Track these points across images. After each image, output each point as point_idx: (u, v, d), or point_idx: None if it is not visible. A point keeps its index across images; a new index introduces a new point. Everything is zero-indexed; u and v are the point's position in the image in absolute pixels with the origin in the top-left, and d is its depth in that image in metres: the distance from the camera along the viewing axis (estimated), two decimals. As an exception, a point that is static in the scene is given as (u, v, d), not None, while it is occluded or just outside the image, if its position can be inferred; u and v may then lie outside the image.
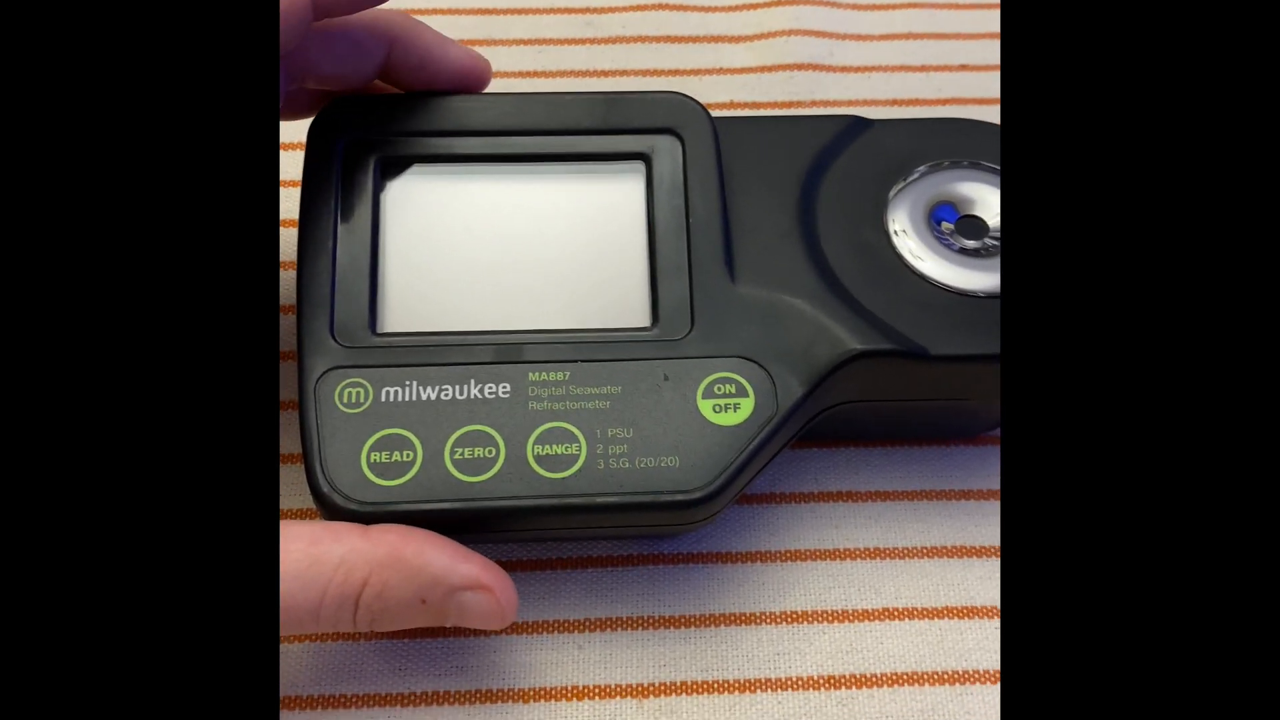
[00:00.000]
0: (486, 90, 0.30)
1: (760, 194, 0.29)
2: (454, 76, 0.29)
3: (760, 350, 0.27)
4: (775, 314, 0.27)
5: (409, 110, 0.29)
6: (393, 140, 0.28)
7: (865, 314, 0.27)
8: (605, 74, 0.39)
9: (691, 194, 0.28)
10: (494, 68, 0.38)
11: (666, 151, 0.29)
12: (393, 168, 0.28)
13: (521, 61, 0.39)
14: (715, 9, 0.40)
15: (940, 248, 0.28)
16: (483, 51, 0.39)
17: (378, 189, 0.28)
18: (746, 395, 0.26)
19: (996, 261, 0.28)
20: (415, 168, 0.28)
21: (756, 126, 0.30)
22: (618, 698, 0.27)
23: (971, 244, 0.29)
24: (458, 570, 0.24)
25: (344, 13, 0.27)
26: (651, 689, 0.27)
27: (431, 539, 0.24)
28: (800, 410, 0.26)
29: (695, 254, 0.28)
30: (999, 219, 0.29)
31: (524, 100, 0.29)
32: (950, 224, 0.29)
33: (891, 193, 0.29)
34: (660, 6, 0.40)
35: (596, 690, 0.27)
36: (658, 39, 0.40)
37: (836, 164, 0.30)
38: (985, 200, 0.29)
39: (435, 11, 0.40)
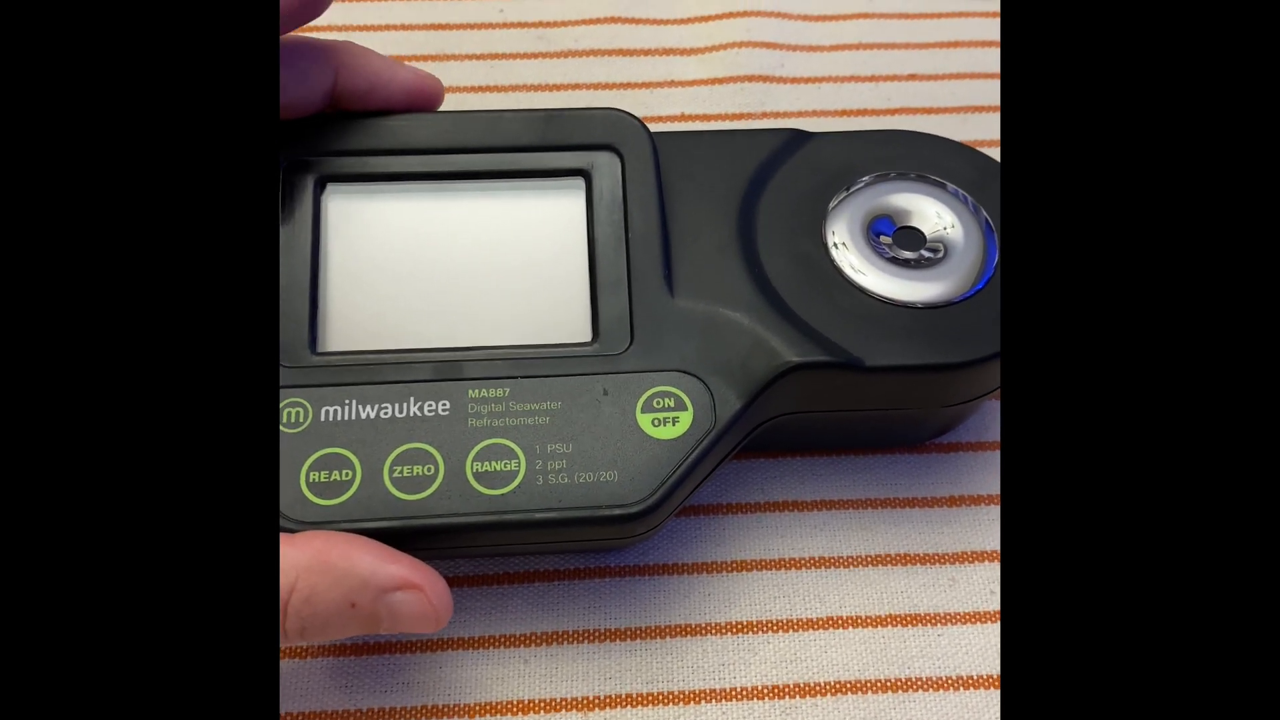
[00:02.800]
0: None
1: (700, 208, 0.29)
2: (404, 97, 0.29)
3: (698, 364, 0.27)
4: (713, 327, 0.27)
5: (348, 130, 0.29)
6: (332, 160, 0.28)
7: (802, 326, 0.27)
8: (558, 88, 0.39)
9: (631, 209, 0.28)
10: (447, 82, 0.39)
11: (606, 168, 0.29)
12: (332, 187, 0.29)
13: (474, 76, 0.39)
14: (666, 22, 0.41)
15: (878, 259, 0.29)
16: (435, 67, 0.39)
17: (317, 208, 0.28)
18: (685, 409, 0.27)
19: (933, 273, 0.28)
20: (355, 186, 0.29)
21: (696, 141, 0.30)
22: (563, 711, 0.27)
23: (909, 255, 0.29)
24: (386, 570, 0.23)
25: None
26: (597, 701, 0.28)
27: (358, 542, 0.24)
28: (739, 423, 0.27)
29: (635, 269, 0.28)
30: (936, 230, 0.29)
31: (463, 118, 0.29)
32: (888, 236, 0.29)
33: (830, 205, 0.29)
34: (612, 20, 0.41)
35: (542, 704, 0.28)
36: (610, 52, 0.40)
37: (776, 177, 0.30)
38: (922, 211, 0.29)
39: (389, 27, 0.40)
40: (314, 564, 0.23)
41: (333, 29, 0.40)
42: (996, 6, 0.41)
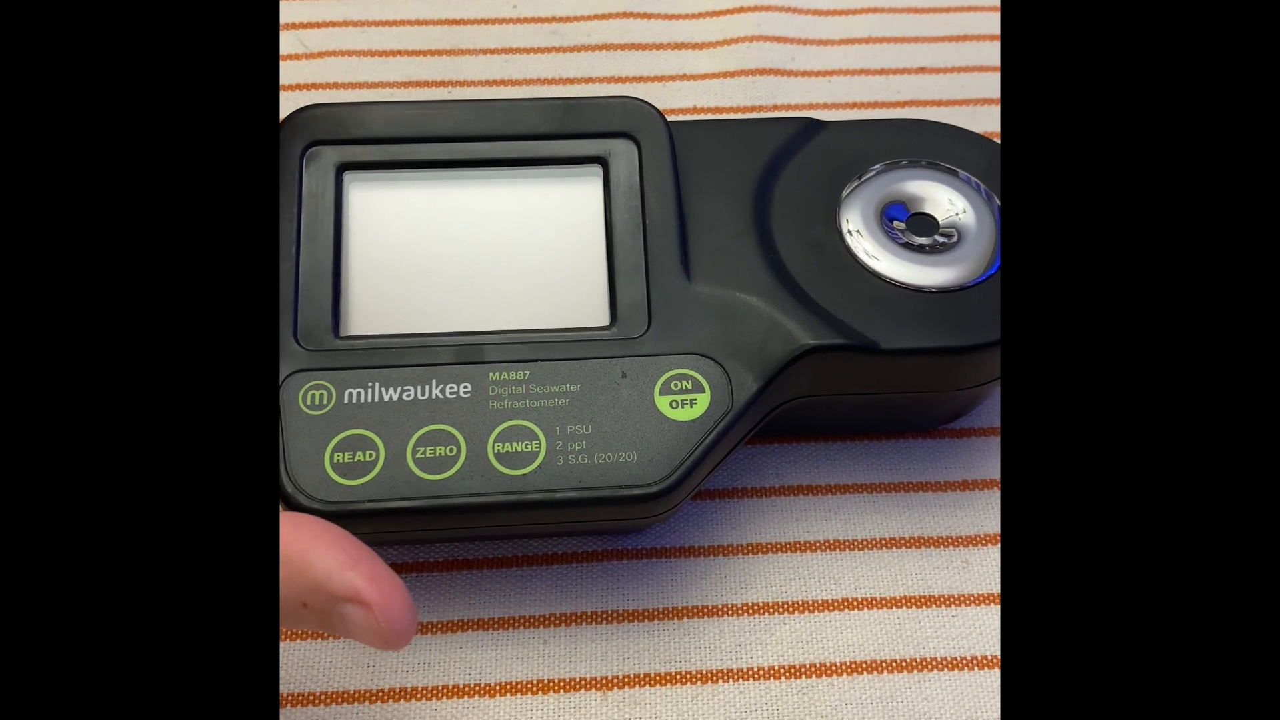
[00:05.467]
0: (445, 99, 0.31)
1: (716, 195, 0.30)
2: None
3: (716, 347, 0.27)
4: (730, 311, 0.28)
5: (371, 117, 0.29)
6: (354, 147, 0.29)
7: (818, 310, 0.28)
8: (571, 81, 0.40)
9: (648, 196, 0.29)
10: (461, 77, 0.39)
11: (623, 155, 0.29)
12: (355, 174, 0.29)
13: (488, 70, 0.40)
14: (678, 16, 0.41)
15: (892, 245, 0.29)
16: (448, 61, 0.40)
17: (339, 195, 0.29)
18: (702, 391, 0.27)
19: (946, 258, 0.29)
20: (377, 173, 0.29)
21: (712, 129, 0.31)
22: (582, 690, 0.28)
23: (922, 241, 0.29)
24: (341, 577, 0.21)
25: None
26: (616, 681, 0.28)
27: (325, 537, 0.22)
28: (755, 405, 0.27)
29: (652, 254, 0.28)
30: (948, 216, 0.30)
31: (484, 106, 0.30)
32: (901, 222, 0.30)
33: (844, 192, 0.30)
34: (624, 15, 0.41)
35: (561, 684, 0.28)
36: (622, 46, 0.40)
37: (790, 165, 0.30)
38: (935, 198, 0.30)
39: (403, 23, 0.41)
40: None
41: (348, 24, 0.40)
42: (1004, 1, 0.42)
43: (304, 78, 0.39)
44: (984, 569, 0.30)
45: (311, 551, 0.21)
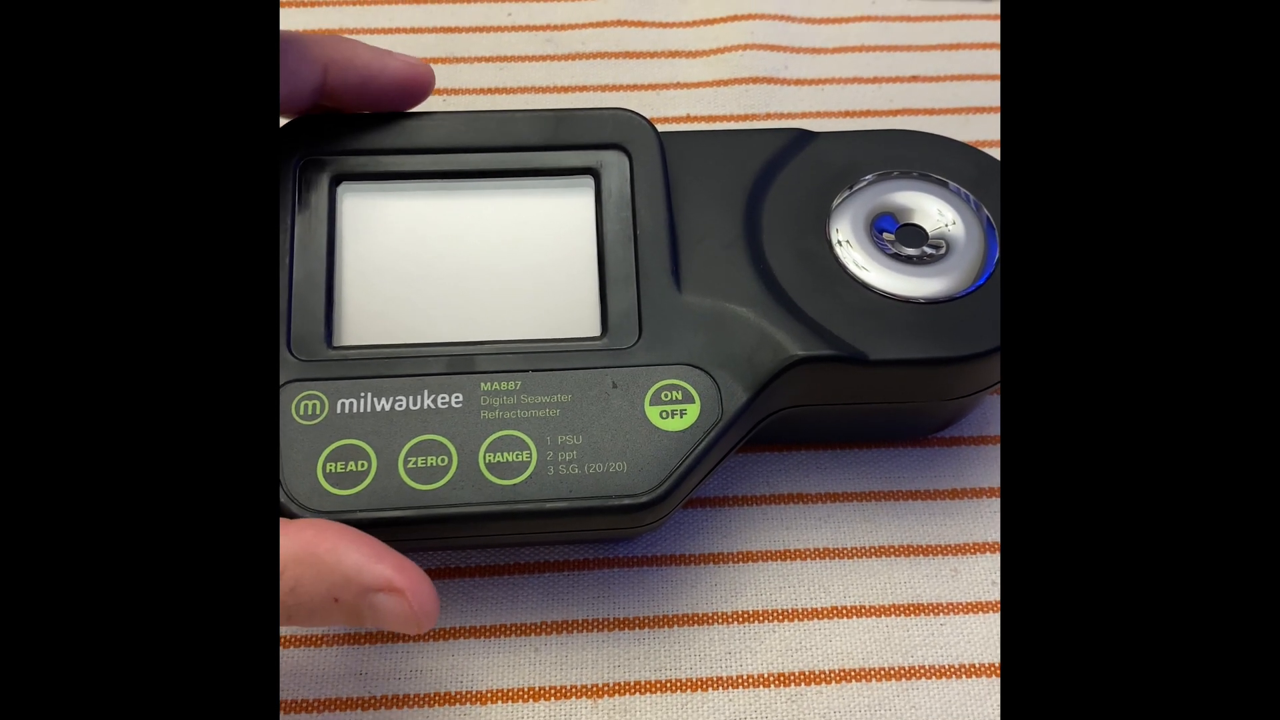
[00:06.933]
0: (439, 107, 0.31)
1: (706, 206, 0.30)
2: (397, 89, 0.29)
3: (706, 357, 0.28)
4: (720, 322, 0.28)
5: (364, 129, 0.29)
6: (347, 159, 0.29)
7: (807, 321, 0.28)
8: (565, 90, 0.40)
9: (639, 207, 0.29)
10: (455, 85, 0.40)
11: (614, 166, 0.30)
12: (348, 185, 0.29)
13: (483, 78, 0.40)
14: (672, 25, 0.41)
15: (881, 256, 0.29)
16: (444, 69, 0.40)
17: (333, 206, 0.29)
18: (692, 401, 0.27)
19: (935, 269, 0.29)
20: (370, 185, 0.29)
21: (703, 141, 0.31)
22: (573, 698, 0.28)
23: (911, 252, 0.29)
24: (371, 569, 0.23)
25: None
26: (606, 689, 0.28)
27: (348, 536, 0.24)
28: (745, 415, 0.27)
29: (643, 265, 0.29)
30: (938, 227, 0.30)
31: (476, 118, 0.30)
32: (891, 233, 0.30)
33: (834, 203, 0.30)
34: (619, 23, 0.41)
35: (552, 691, 0.28)
36: (616, 55, 0.41)
37: (781, 176, 0.30)
38: (924, 209, 0.30)
39: (398, 30, 0.41)
40: (302, 555, 0.23)
41: (344, 31, 0.40)
42: (998, 9, 0.42)
43: (300, 86, 0.39)
44: (973, 577, 0.30)
45: (340, 549, 0.23)
